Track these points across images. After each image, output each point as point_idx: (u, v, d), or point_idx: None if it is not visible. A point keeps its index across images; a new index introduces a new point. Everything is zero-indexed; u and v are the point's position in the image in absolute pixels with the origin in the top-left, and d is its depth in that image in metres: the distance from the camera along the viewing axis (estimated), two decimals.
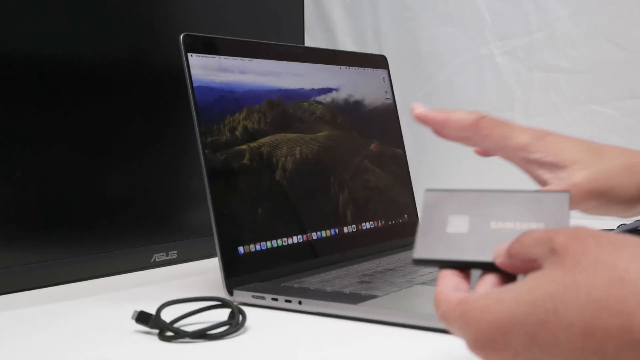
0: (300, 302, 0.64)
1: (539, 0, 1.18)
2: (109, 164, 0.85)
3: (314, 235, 0.78)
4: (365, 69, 0.92)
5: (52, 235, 0.79)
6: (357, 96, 0.89)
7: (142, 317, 0.57)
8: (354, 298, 0.63)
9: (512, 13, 1.20)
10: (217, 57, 0.73)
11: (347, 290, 0.65)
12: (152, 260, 0.87)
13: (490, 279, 0.38)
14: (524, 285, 0.35)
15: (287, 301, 0.64)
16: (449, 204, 0.42)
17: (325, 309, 0.62)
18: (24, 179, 0.77)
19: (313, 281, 0.70)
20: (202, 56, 0.71)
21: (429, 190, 0.43)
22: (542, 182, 0.56)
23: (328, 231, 0.80)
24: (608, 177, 0.55)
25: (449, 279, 0.39)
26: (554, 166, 0.55)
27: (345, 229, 0.82)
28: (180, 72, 0.70)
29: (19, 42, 0.76)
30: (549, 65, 1.18)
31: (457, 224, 0.40)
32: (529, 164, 0.56)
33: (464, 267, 0.40)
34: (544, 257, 0.35)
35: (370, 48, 1.32)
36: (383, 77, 0.94)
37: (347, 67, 0.89)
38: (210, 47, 0.72)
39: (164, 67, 0.89)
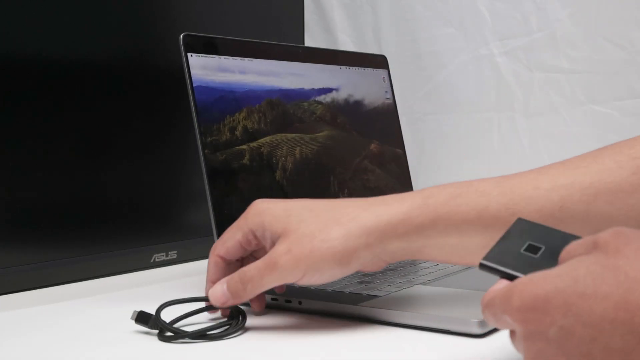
0: (300, 302, 0.64)
1: (539, 0, 1.18)
2: (109, 164, 0.85)
3: None
4: (365, 69, 0.92)
5: (52, 235, 0.79)
6: (357, 96, 0.89)
7: (142, 318, 0.57)
8: (354, 298, 0.63)
9: (512, 13, 1.20)
10: (217, 57, 0.73)
11: (347, 290, 0.65)
12: (151, 261, 0.87)
13: None
14: (567, 264, 0.37)
15: (287, 301, 0.64)
16: (533, 232, 0.44)
17: (325, 308, 0.62)
18: (24, 179, 0.77)
19: None
20: (202, 56, 0.71)
21: (520, 218, 0.45)
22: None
23: None
24: (304, 242, 0.55)
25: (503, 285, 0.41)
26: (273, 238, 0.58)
27: None
28: (180, 72, 0.70)
29: (18, 42, 0.76)
30: (548, 65, 1.18)
31: (532, 249, 0.43)
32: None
33: None
34: (588, 253, 0.38)
35: (370, 48, 1.32)
36: (383, 77, 0.94)
37: (347, 67, 0.89)
38: (210, 47, 0.72)
39: (164, 67, 0.89)
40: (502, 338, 0.55)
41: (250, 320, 0.60)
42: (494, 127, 1.21)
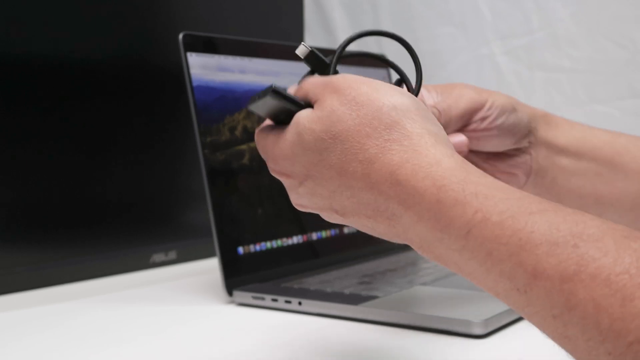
0: (300, 303, 0.63)
1: None
2: (108, 164, 0.84)
3: (314, 236, 0.78)
4: (366, 68, 0.91)
5: (51, 236, 0.79)
6: None
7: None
8: (354, 299, 0.62)
9: (513, 12, 1.20)
10: (216, 56, 0.72)
11: (347, 291, 0.65)
12: (150, 261, 0.87)
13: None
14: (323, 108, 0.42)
15: (287, 302, 0.64)
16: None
17: (325, 309, 0.62)
18: (24, 179, 0.76)
19: (313, 282, 0.69)
20: (202, 55, 0.71)
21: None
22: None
23: (328, 231, 0.79)
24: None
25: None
26: None
27: (346, 229, 0.81)
28: (180, 72, 0.70)
29: (18, 42, 0.76)
30: (549, 64, 1.17)
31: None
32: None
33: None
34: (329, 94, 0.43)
35: (370, 48, 1.32)
36: (383, 77, 0.94)
37: (347, 67, 0.88)
38: (209, 47, 0.72)
39: (163, 66, 0.89)
40: (503, 338, 0.55)
41: (250, 322, 0.60)
42: None
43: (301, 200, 0.45)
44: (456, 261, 0.36)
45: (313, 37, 1.36)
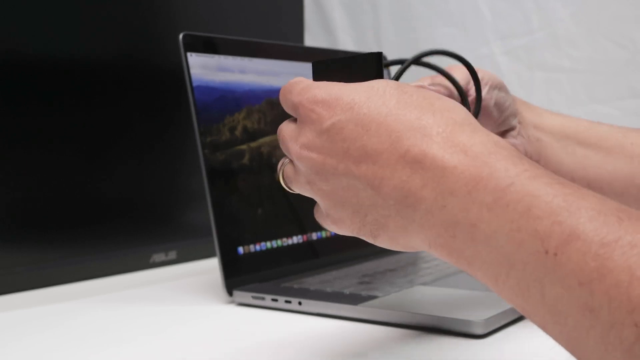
0: (300, 303, 0.63)
1: None
2: (109, 164, 0.84)
3: (314, 236, 0.78)
4: None
5: (51, 235, 0.79)
6: None
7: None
8: (354, 299, 0.62)
9: (513, 12, 1.20)
10: (216, 56, 0.72)
11: (347, 291, 0.65)
12: (150, 261, 0.87)
13: None
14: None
15: (287, 302, 0.64)
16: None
17: (325, 309, 0.62)
18: (23, 179, 0.76)
19: (313, 282, 0.69)
20: (202, 55, 0.71)
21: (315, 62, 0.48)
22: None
23: (328, 231, 0.79)
24: None
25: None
26: None
27: None
28: (180, 72, 0.70)
29: (18, 42, 0.76)
30: (550, 64, 1.17)
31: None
32: None
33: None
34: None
35: (370, 47, 1.32)
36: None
37: None
38: (209, 47, 0.72)
39: (163, 66, 0.89)
40: (503, 338, 0.55)
41: (250, 322, 0.60)
42: None
43: (317, 140, 0.41)
44: (476, 221, 0.34)
45: (313, 37, 1.36)
